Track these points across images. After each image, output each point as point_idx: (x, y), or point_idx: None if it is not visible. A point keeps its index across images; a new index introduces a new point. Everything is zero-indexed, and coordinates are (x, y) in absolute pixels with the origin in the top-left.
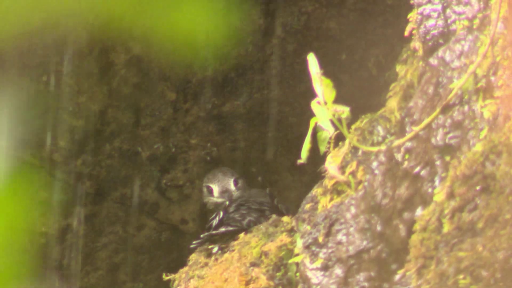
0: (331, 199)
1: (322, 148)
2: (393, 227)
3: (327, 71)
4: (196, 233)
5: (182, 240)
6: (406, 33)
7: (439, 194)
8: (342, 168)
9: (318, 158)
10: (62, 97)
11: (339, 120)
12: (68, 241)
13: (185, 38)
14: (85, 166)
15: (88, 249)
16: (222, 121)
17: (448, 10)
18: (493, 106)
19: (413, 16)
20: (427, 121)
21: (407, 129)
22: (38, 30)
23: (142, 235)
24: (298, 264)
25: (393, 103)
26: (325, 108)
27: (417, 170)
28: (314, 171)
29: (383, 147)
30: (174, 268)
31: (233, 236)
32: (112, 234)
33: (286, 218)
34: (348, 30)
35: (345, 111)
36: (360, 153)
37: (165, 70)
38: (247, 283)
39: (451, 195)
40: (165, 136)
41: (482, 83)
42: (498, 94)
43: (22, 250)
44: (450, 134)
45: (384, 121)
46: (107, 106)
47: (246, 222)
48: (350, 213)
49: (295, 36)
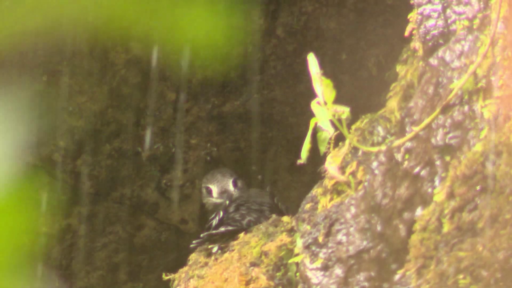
0: (331, 199)
1: (322, 148)
2: (393, 227)
3: (327, 71)
4: (196, 233)
5: (182, 240)
6: (406, 33)
7: (439, 194)
8: (342, 168)
9: (318, 158)
10: (62, 97)
11: (339, 120)
12: (68, 241)
13: (185, 38)
14: (85, 166)
15: (88, 249)
16: (222, 121)
17: (448, 10)
18: (493, 106)
19: (413, 16)
20: (427, 121)
21: (407, 129)
22: (38, 30)
23: (142, 235)
24: (298, 264)
25: (393, 103)
26: (325, 108)
27: (417, 170)
28: (314, 171)
29: (383, 147)
30: (174, 268)
31: (233, 236)
32: (112, 234)
33: (286, 218)
34: (348, 30)
35: (345, 112)
36: (360, 153)
37: (165, 70)
38: (247, 283)
39: (451, 195)
40: (165, 136)
41: (482, 83)
42: (498, 94)
43: (22, 250)
44: (450, 134)
45: (384, 121)
46: (107, 106)
47: (245, 222)
48: (350, 213)
49: (295, 36)
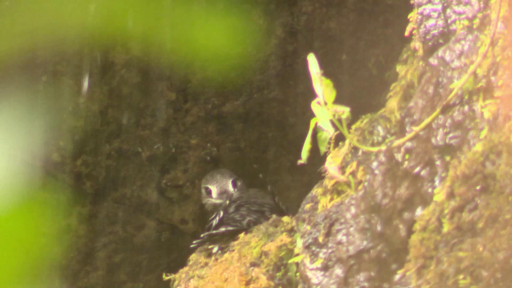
0: (331, 199)
1: (322, 148)
2: (393, 227)
3: (327, 71)
4: (196, 233)
5: (182, 240)
6: (406, 33)
7: (439, 194)
8: (342, 168)
9: (318, 158)
10: (62, 97)
11: (339, 120)
12: (68, 241)
13: (185, 38)
14: (85, 166)
15: (87, 249)
16: (222, 121)
17: (448, 10)
18: (493, 106)
19: (413, 16)
20: (427, 121)
21: (407, 129)
22: (38, 30)
23: (142, 235)
24: (298, 264)
25: (393, 103)
26: (325, 108)
27: (417, 170)
28: (314, 171)
29: (383, 147)
30: (174, 268)
31: (233, 236)
32: (111, 234)
33: (286, 218)
34: (348, 30)
35: (345, 112)
36: (360, 153)
37: (165, 70)
38: (247, 283)
39: (451, 195)
40: (165, 136)
41: (482, 83)
42: (498, 94)
43: (22, 250)
44: (450, 134)
45: (384, 121)
46: (107, 106)
47: (246, 222)
48: (350, 213)
49: (295, 36)
